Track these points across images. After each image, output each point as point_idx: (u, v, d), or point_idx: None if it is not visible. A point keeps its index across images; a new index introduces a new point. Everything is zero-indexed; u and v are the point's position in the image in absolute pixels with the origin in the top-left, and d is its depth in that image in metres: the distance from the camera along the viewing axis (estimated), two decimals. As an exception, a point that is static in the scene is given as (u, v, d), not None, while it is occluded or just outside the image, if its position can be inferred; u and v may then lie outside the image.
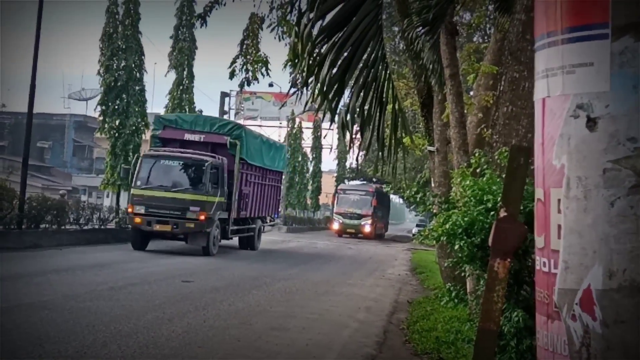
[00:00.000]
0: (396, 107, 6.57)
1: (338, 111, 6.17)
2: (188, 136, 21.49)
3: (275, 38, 13.94)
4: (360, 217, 46.74)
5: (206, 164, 19.56)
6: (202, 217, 19.16)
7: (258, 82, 15.39)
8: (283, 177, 31.52)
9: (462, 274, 7.93)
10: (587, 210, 2.55)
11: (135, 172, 20.11)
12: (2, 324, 7.71)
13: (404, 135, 7.21)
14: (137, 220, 19.17)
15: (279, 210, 30.62)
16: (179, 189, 19.45)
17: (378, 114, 6.26)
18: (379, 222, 50.66)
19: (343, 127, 6.10)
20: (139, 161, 20.36)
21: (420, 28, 9.43)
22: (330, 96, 5.81)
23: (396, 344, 8.77)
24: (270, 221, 28.19)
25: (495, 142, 8.32)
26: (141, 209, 19.20)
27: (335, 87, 5.82)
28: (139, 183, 19.76)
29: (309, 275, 16.53)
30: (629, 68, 2.48)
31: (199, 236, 19.60)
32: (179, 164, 19.99)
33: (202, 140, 21.34)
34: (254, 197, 23.81)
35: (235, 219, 21.98)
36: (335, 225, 48.54)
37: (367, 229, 46.34)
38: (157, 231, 19.35)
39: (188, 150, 20.41)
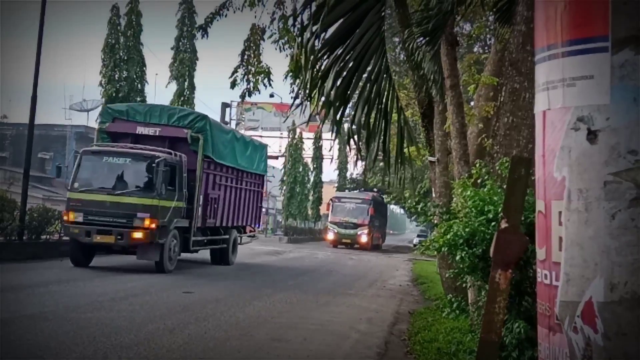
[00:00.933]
0: (401, 119, 6.60)
1: (342, 123, 6.20)
2: (141, 129, 18.14)
3: (276, 49, 14.01)
4: (356, 226, 44.60)
5: (157, 160, 16.29)
6: (153, 226, 15.95)
7: (259, 93, 15.45)
8: (265, 181, 27.76)
9: (464, 285, 7.92)
10: (588, 222, 2.55)
11: (73, 172, 17.12)
12: (3, 335, 7.70)
13: (409, 147, 7.25)
14: (75, 230, 15.99)
15: (261, 219, 26.70)
16: (124, 192, 16.19)
17: (383, 126, 6.29)
18: (376, 232, 48.69)
19: (349, 140, 6.12)
20: (78, 159, 17.10)
21: (421, 39, 9.47)
22: (334, 108, 5.83)
23: (397, 355, 8.75)
24: (251, 231, 24.49)
25: (496, 152, 8.32)
26: (79, 217, 15.96)
27: (340, 99, 5.84)
28: (76, 185, 16.50)
29: (310, 286, 16.51)
30: (629, 81, 2.49)
31: (150, 249, 16.28)
32: (125, 161, 16.61)
33: (157, 134, 18.04)
34: (226, 203, 20.52)
35: (201, 228, 18.90)
36: (330, 235, 46.10)
37: (364, 239, 44.37)
38: (97, 243, 16.12)
39: (138, 146, 17.30)
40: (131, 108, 19.24)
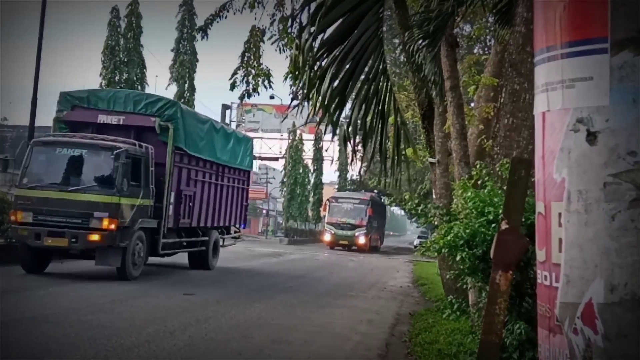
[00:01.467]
0: (398, 120, 6.60)
1: (340, 124, 6.20)
2: (103, 118, 15.98)
3: (276, 50, 14.03)
4: (354, 227, 43.25)
5: (116, 152, 14.21)
6: (113, 227, 13.92)
7: (259, 95, 15.46)
8: (251, 177, 24.68)
9: (464, 286, 7.91)
10: (588, 224, 2.55)
11: (22, 167, 14.94)
12: (4, 338, 7.70)
13: (406, 147, 7.25)
14: (23, 232, 14.03)
15: (246, 219, 23.61)
16: (79, 188, 14.16)
17: (380, 126, 6.29)
18: (374, 233, 47.48)
19: (345, 140, 6.12)
20: (28, 151, 14.89)
21: (421, 40, 9.47)
22: (331, 109, 5.83)
23: (398, 356, 8.75)
24: (236, 232, 22.43)
25: (496, 153, 8.32)
26: (28, 217, 13.98)
27: (337, 100, 5.84)
28: (25, 181, 14.47)
29: (311, 288, 16.50)
30: (629, 82, 2.49)
31: (110, 253, 14.21)
32: (81, 153, 14.51)
33: (122, 122, 15.89)
34: (204, 201, 18.26)
35: (174, 229, 16.76)
36: (327, 237, 44.73)
37: (362, 240, 43.17)
38: (49, 247, 14.11)
39: (97, 136, 15.14)
40: (92, 94, 16.79)
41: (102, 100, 16.37)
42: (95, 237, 13.86)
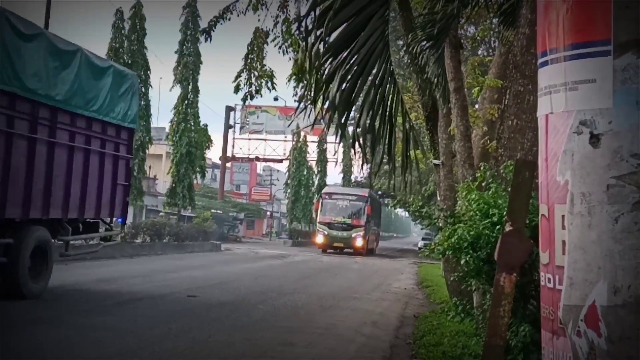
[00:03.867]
0: (407, 124, 6.62)
1: (347, 127, 6.22)
2: None
3: (279, 52, 14.02)
4: (350, 227, 37.95)
5: None
6: None
7: (261, 96, 15.45)
8: (134, 141, 15.33)
9: (469, 288, 7.90)
10: (592, 226, 2.55)
11: None
12: (6, 340, 7.71)
13: (415, 150, 7.26)
14: None
15: (126, 208, 14.54)
16: None
17: (388, 130, 6.31)
18: (372, 234, 42.24)
19: (354, 144, 6.13)
20: None
21: (425, 42, 9.48)
22: (339, 112, 5.85)
23: (403, 358, 8.74)
24: (107, 230, 14.32)
25: (501, 155, 8.32)
26: None
27: (344, 103, 5.86)
28: None
29: (315, 290, 16.50)
30: (632, 84, 2.49)
31: None
32: None
33: None
34: (17, 173, 10.51)
35: None
36: (319, 238, 38.66)
37: (359, 242, 37.77)
38: None
39: None
40: None
41: None
42: None
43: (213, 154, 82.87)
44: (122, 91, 13.63)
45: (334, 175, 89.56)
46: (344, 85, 5.77)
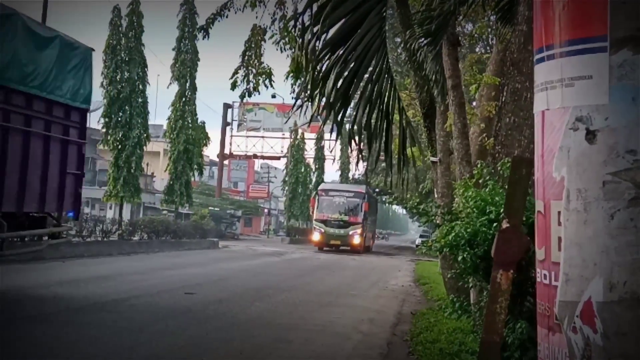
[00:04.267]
0: (404, 121, 6.62)
1: (344, 124, 6.22)
2: None
3: (277, 49, 14.00)
4: (347, 225, 37.16)
5: None
6: None
7: (259, 94, 15.42)
8: (87, 124, 12.77)
9: (466, 285, 7.92)
10: (587, 222, 2.55)
11: None
12: (4, 337, 7.70)
13: (412, 147, 7.27)
14: None
15: (80, 201, 13.14)
16: None
17: (384, 127, 6.31)
18: (369, 232, 41.73)
19: (350, 140, 6.14)
20: None
21: (423, 39, 9.48)
22: (335, 109, 5.85)
23: (400, 356, 8.74)
24: (55, 226, 12.05)
25: (498, 152, 8.32)
26: None
27: (341, 100, 5.86)
28: None
29: (312, 287, 16.50)
30: (628, 81, 2.49)
31: None
32: None
33: None
34: None
35: None
36: (315, 236, 38.13)
37: (356, 240, 37.07)
38: None
39: None
40: None
41: None
42: None
43: (211, 152, 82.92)
44: (71, 66, 11.69)
45: (331, 172, 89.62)
46: (340, 82, 5.77)
